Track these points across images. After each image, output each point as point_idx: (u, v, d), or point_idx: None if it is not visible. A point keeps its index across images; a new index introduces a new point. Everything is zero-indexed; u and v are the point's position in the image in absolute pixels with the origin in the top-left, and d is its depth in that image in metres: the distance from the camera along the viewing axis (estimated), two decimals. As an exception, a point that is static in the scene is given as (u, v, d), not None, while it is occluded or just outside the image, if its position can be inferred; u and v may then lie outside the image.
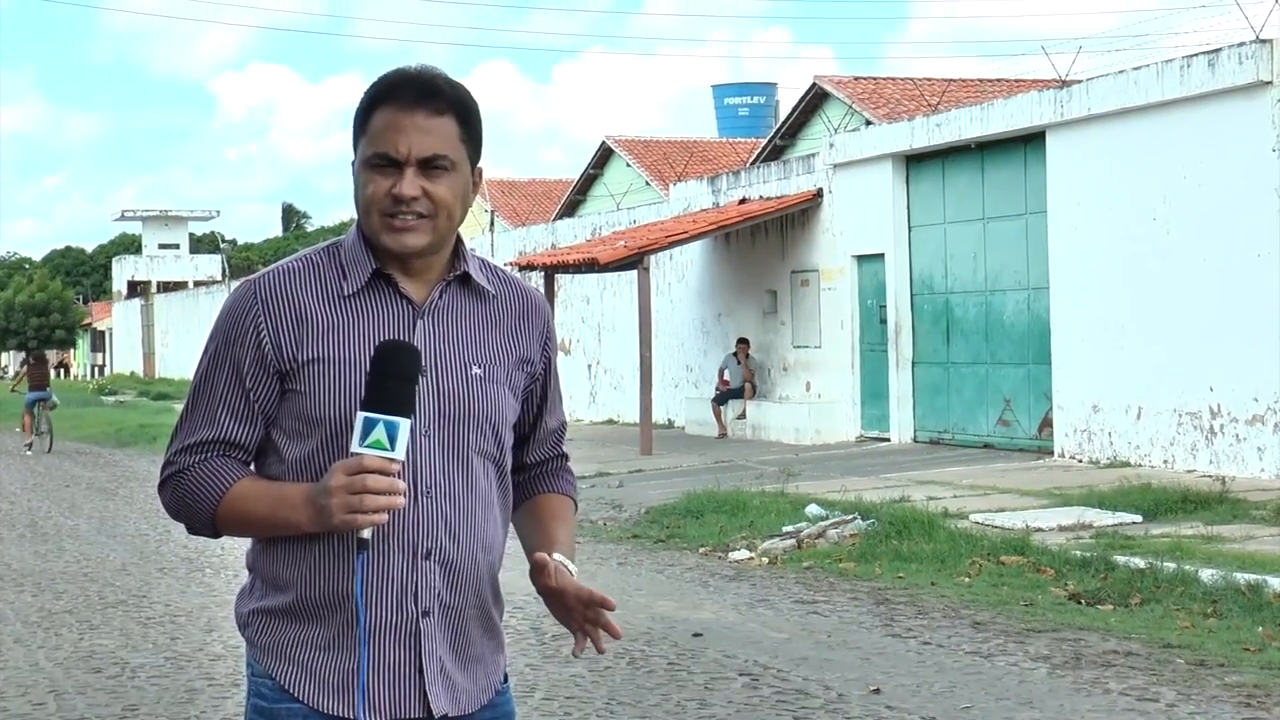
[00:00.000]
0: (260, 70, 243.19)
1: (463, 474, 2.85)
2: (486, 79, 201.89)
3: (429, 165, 2.80)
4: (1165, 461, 17.57)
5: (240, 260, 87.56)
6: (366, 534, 2.71)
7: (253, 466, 2.91)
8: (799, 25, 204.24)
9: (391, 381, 2.68)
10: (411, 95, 2.80)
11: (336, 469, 2.69)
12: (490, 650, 2.95)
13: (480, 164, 2.92)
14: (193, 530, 2.93)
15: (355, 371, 2.79)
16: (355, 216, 2.95)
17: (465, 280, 2.91)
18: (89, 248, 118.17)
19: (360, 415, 2.68)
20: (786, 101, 48.35)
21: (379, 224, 2.82)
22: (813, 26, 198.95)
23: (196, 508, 2.86)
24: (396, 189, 2.79)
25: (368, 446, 2.66)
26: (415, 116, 2.79)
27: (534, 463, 3.10)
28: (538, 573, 2.87)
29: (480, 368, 2.88)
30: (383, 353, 2.71)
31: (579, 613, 2.86)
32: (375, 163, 2.80)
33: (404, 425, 2.67)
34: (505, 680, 3.01)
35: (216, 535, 2.92)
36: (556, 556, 2.89)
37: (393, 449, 2.67)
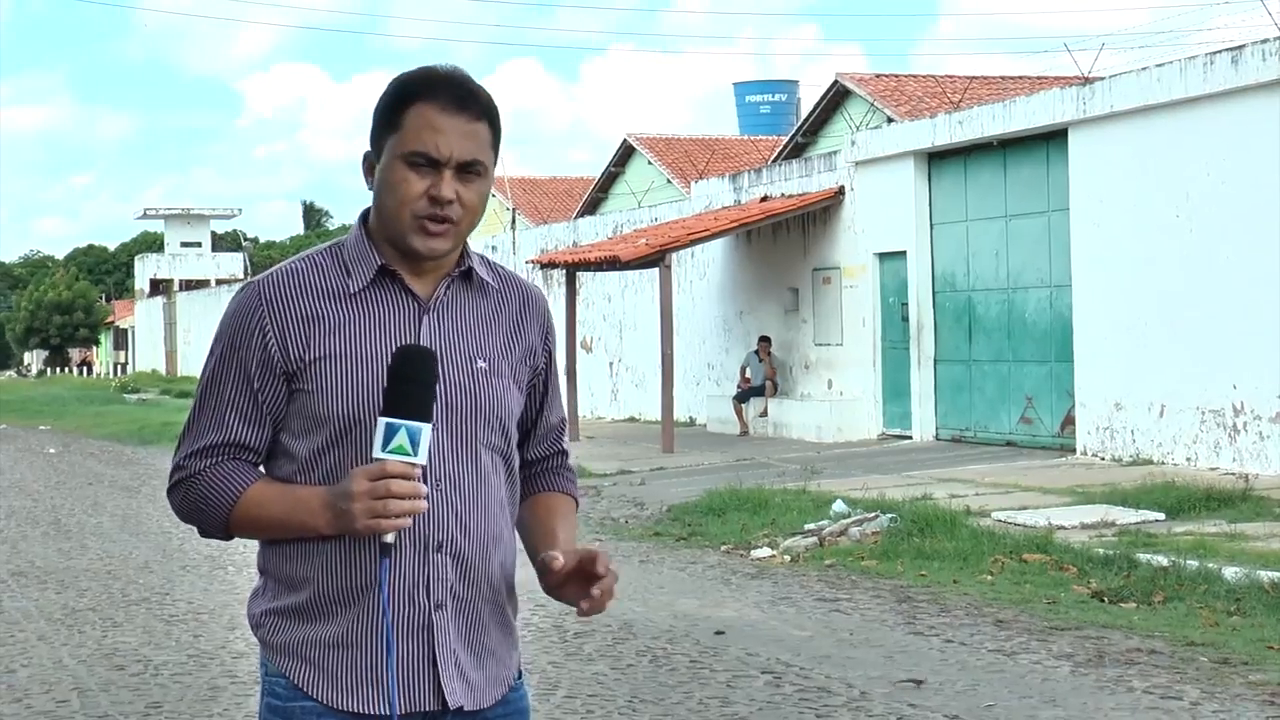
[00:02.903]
0: (289, 69, 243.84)
1: (472, 467, 2.86)
2: (514, 77, 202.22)
3: (466, 169, 2.81)
4: (1188, 459, 17.52)
5: (262, 258, 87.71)
6: (390, 538, 2.71)
7: (263, 469, 2.91)
8: (828, 22, 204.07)
9: (411, 387, 2.68)
10: (452, 98, 2.80)
11: (358, 474, 2.68)
12: (504, 644, 2.95)
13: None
14: (204, 533, 2.94)
15: (364, 368, 2.80)
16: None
17: (467, 276, 2.92)
18: (111, 246, 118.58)
19: (381, 421, 2.68)
20: (808, 99, 48.27)
21: (410, 225, 2.81)
22: (842, 24, 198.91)
23: (209, 512, 2.86)
24: (435, 190, 2.79)
25: (390, 452, 2.66)
26: (457, 120, 2.79)
27: (535, 459, 3.11)
28: (545, 574, 2.85)
29: (485, 362, 2.89)
30: (401, 358, 2.71)
31: (580, 583, 2.84)
32: (414, 161, 2.79)
33: (426, 430, 2.68)
34: (520, 675, 3.01)
35: (229, 538, 2.92)
36: (552, 553, 2.87)
37: (415, 454, 2.67)
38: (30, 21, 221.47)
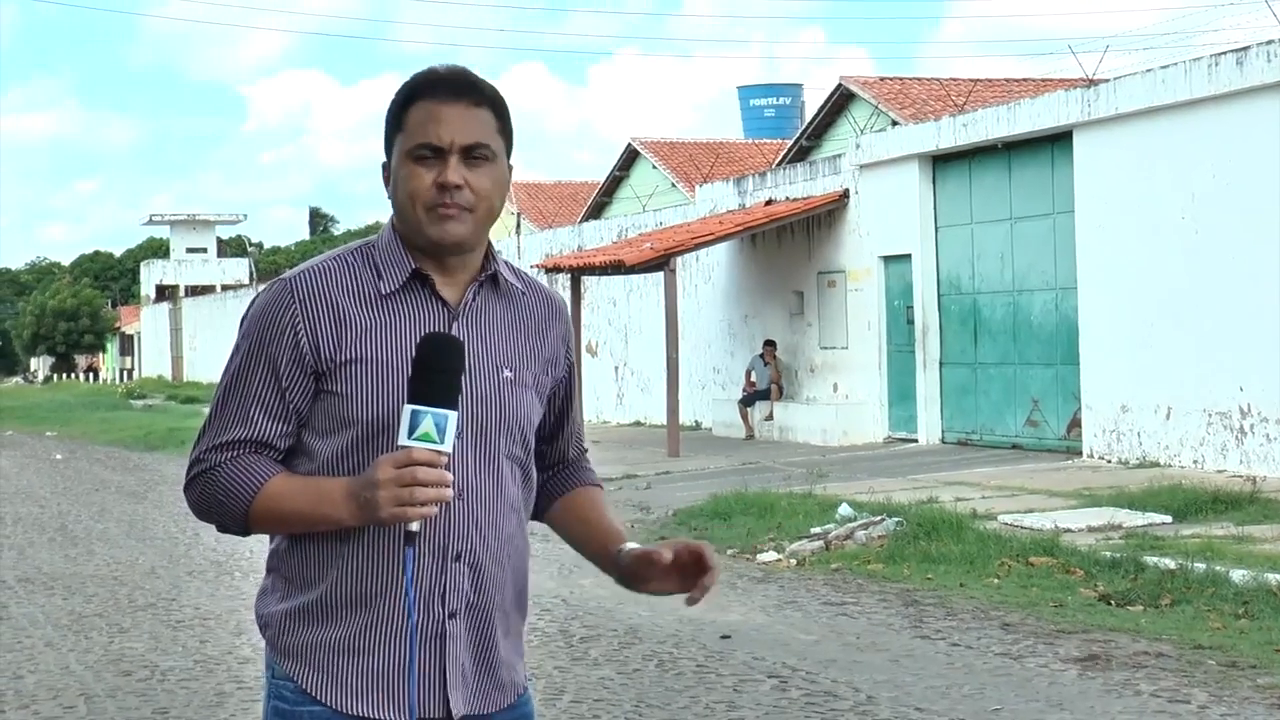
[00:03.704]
0: (295, 75, 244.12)
1: (493, 477, 2.86)
2: (520, 81, 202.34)
3: (471, 154, 2.81)
4: (1195, 462, 17.50)
5: (267, 264, 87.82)
6: (415, 527, 2.69)
7: (283, 466, 2.90)
8: (833, 26, 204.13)
9: (438, 374, 2.67)
10: (449, 89, 2.82)
11: (383, 461, 2.67)
12: (513, 652, 2.95)
13: (510, 161, 2.93)
14: (222, 529, 2.91)
15: (393, 372, 2.79)
16: (383, 219, 2.95)
17: (494, 281, 2.92)
18: (117, 252, 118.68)
19: (408, 408, 2.66)
20: (813, 102, 48.33)
21: (424, 216, 2.81)
22: (847, 27, 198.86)
23: (229, 505, 2.83)
24: (441, 178, 2.79)
25: (416, 439, 2.65)
26: (455, 107, 2.81)
27: (573, 458, 3.14)
28: (646, 563, 2.89)
29: (511, 370, 2.89)
30: (429, 345, 2.70)
31: (690, 569, 2.88)
32: (418, 154, 2.80)
33: (452, 418, 2.66)
34: (526, 682, 3.01)
35: (246, 533, 2.89)
36: (630, 546, 2.94)
37: (441, 442, 2.65)
38: (37, 28, 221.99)
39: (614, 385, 31.49)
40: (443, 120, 2.79)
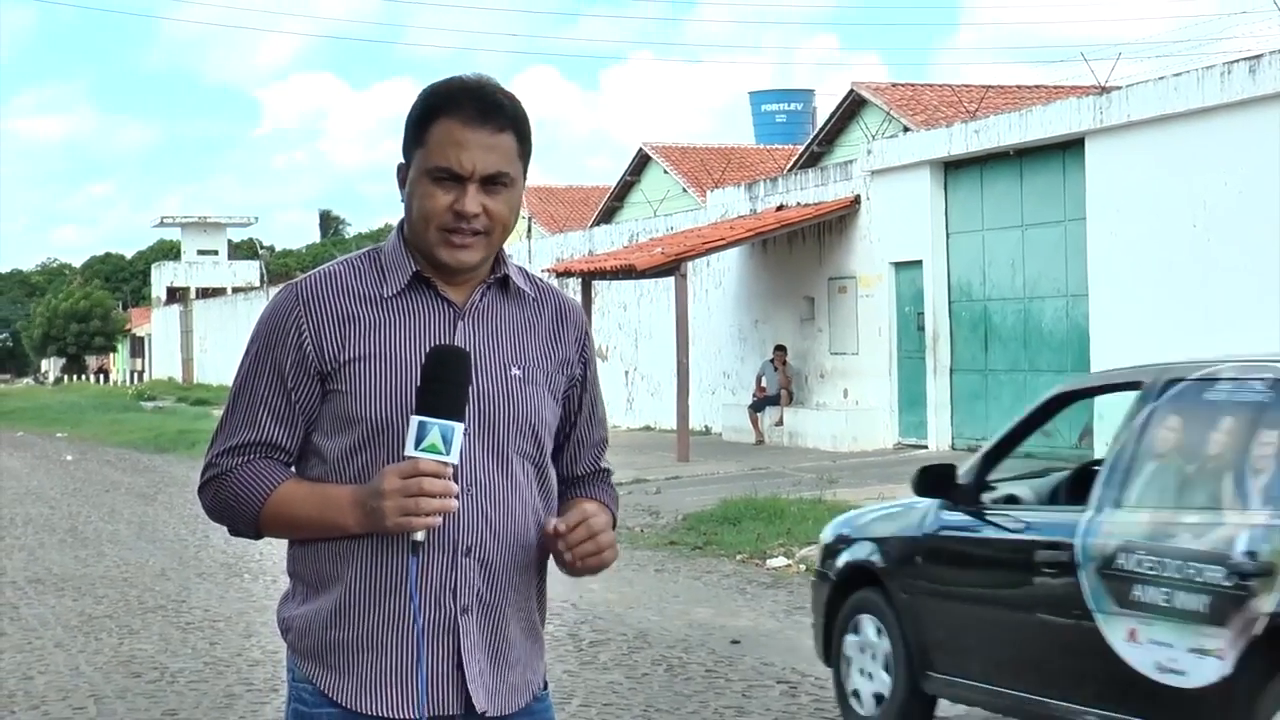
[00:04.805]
0: (308, 78, 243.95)
1: (503, 473, 2.86)
2: (533, 85, 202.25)
3: (491, 182, 2.81)
4: (1205, 469, 17.45)
5: (278, 266, 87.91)
6: (420, 536, 2.72)
7: (294, 470, 2.91)
8: (846, 32, 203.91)
9: (444, 386, 2.69)
10: (475, 111, 2.80)
11: (390, 472, 2.70)
12: (531, 652, 2.95)
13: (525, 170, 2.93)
14: (234, 532, 2.94)
15: (397, 370, 2.81)
16: (394, 223, 2.96)
17: (504, 283, 2.93)
18: (129, 254, 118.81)
19: (414, 420, 2.69)
20: (824, 108, 48.31)
21: (437, 238, 2.83)
22: (860, 33, 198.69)
23: (240, 510, 2.86)
24: (459, 205, 2.80)
25: (423, 450, 2.67)
26: (479, 133, 2.79)
27: (576, 477, 3.08)
28: (549, 537, 2.86)
29: (519, 369, 2.90)
30: (435, 358, 2.72)
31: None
32: (437, 176, 2.80)
33: (459, 429, 2.69)
34: (545, 687, 3.00)
35: (258, 537, 2.92)
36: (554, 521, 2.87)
37: (448, 453, 2.68)
38: (51, 31, 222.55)
39: (624, 390, 31.49)
40: (465, 146, 2.78)
